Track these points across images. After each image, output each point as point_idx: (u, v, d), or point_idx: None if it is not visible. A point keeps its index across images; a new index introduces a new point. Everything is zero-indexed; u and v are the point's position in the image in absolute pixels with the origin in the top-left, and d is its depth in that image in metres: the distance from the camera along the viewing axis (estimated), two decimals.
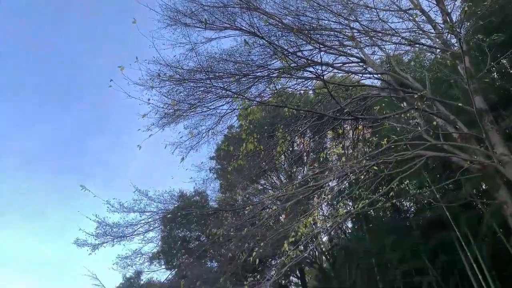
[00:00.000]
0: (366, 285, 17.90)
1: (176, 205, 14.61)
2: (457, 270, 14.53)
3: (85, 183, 8.74)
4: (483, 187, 14.73)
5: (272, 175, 19.86)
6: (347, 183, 13.94)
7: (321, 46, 9.64)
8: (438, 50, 10.85)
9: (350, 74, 11.92)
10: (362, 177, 8.62)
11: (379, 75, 10.44)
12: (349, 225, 21.92)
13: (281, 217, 10.73)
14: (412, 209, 18.36)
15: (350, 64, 11.04)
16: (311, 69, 9.68)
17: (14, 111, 55.28)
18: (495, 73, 13.17)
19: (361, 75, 11.41)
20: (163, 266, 17.00)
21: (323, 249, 23.84)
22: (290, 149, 16.53)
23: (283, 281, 18.75)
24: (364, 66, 10.86)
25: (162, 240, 16.98)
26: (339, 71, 11.78)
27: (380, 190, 8.66)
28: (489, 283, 12.34)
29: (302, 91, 11.86)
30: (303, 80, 10.56)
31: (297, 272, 19.82)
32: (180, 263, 15.36)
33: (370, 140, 15.96)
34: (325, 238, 24.15)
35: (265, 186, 19.93)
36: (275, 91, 9.53)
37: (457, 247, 13.67)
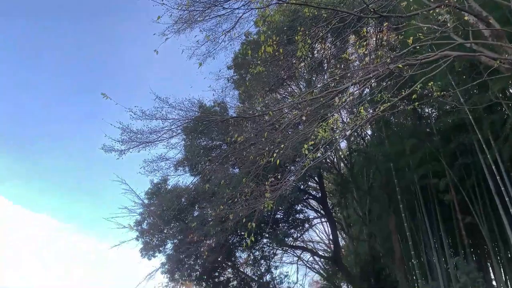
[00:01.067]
0: (383, 189, 18.54)
1: (196, 116, 14.85)
2: (474, 173, 14.78)
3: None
4: (511, 90, 14.32)
5: (291, 84, 19.59)
6: (368, 89, 13.75)
7: None
8: None
9: None
10: (384, 83, 8.41)
11: None
12: (369, 132, 22.08)
13: (300, 126, 10.80)
14: (433, 115, 18.20)
15: None
16: None
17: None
18: None
19: None
20: (188, 173, 17.93)
21: (342, 155, 24.35)
22: (310, 55, 16.04)
23: (302, 186, 19.50)
24: None
25: (185, 149, 17.62)
26: None
27: (403, 92, 8.49)
28: (506, 184, 12.54)
29: None
30: None
31: (316, 178, 20.50)
32: (204, 169, 16.10)
33: (394, 43, 15.26)
34: (344, 145, 24.55)
35: (284, 95, 19.79)
36: None
37: (477, 150, 13.73)
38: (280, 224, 17.86)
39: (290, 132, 9.59)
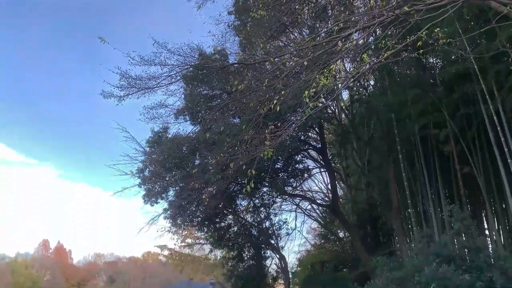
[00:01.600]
0: (383, 139, 18.60)
1: (195, 62, 14.57)
2: (475, 124, 14.75)
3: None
4: None
5: (294, 31, 19.02)
6: (372, 38, 13.35)
7: None
8: None
9: None
10: (389, 31, 8.12)
11: None
12: (371, 82, 21.79)
13: (302, 76, 10.61)
14: (438, 65, 17.83)
15: None
16: None
17: None
18: None
19: None
20: (188, 122, 17.96)
21: (343, 106, 24.22)
22: (314, 0, 15.42)
23: (302, 136, 19.56)
24: None
25: (185, 98, 17.49)
26: None
27: (408, 39, 8.23)
28: (506, 135, 12.54)
29: None
30: None
31: (316, 129, 20.52)
32: (204, 118, 16.10)
33: None
34: (346, 96, 24.33)
35: (286, 43, 19.29)
36: None
37: (479, 101, 13.60)
38: (280, 174, 18.14)
39: (291, 80, 9.45)
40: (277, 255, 24.83)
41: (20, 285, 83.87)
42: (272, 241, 23.95)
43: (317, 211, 30.69)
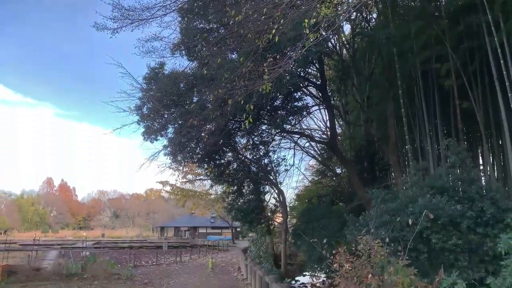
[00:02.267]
0: (384, 75, 18.32)
1: None
2: (478, 57, 14.47)
3: None
4: None
5: None
6: None
7: None
8: None
9: None
10: None
11: None
12: (374, 15, 21.02)
13: (302, 5, 10.13)
14: None
15: None
16: None
17: None
18: None
19: None
20: (185, 57, 17.51)
21: (344, 41, 23.57)
22: None
23: (302, 73, 19.22)
24: None
25: (181, 33, 16.89)
26: None
27: None
28: (508, 68, 12.33)
29: None
30: None
31: (316, 64, 20.11)
32: (201, 53, 15.69)
33: None
34: (347, 30, 23.60)
35: None
36: None
37: (484, 33, 13.21)
38: (279, 111, 18.07)
39: (291, 11, 9.05)
40: (276, 190, 25.57)
41: (28, 220, 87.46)
42: (271, 177, 24.52)
43: (315, 148, 31.15)
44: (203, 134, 17.25)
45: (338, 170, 30.26)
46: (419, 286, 4.54)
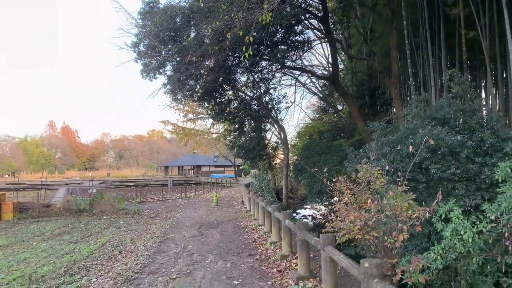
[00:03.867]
0: (388, 5, 17.56)
1: None
2: None
3: None
4: None
5: None
6: None
7: None
8: None
9: None
10: None
11: None
12: None
13: None
14: None
15: None
16: None
17: None
18: None
19: None
20: None
21: None
22: None
23: (303, 4, 18.39)
24: None
25: None
26: None
27: None
28: None
29: None
30: None
31: None
32: None
33: None
34: None
35: None
36: None
37: None
38: (279, 46, 17.55)
39: None
40: (277, 127, 25.70)
41: (34, 162, 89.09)
42: (272, 114, 24.52)
43: (317, 85, 30.79)
44: (202, 71, 16.97)
45: (340, 107, 30.17)
46: (417, 210, 4.68)
